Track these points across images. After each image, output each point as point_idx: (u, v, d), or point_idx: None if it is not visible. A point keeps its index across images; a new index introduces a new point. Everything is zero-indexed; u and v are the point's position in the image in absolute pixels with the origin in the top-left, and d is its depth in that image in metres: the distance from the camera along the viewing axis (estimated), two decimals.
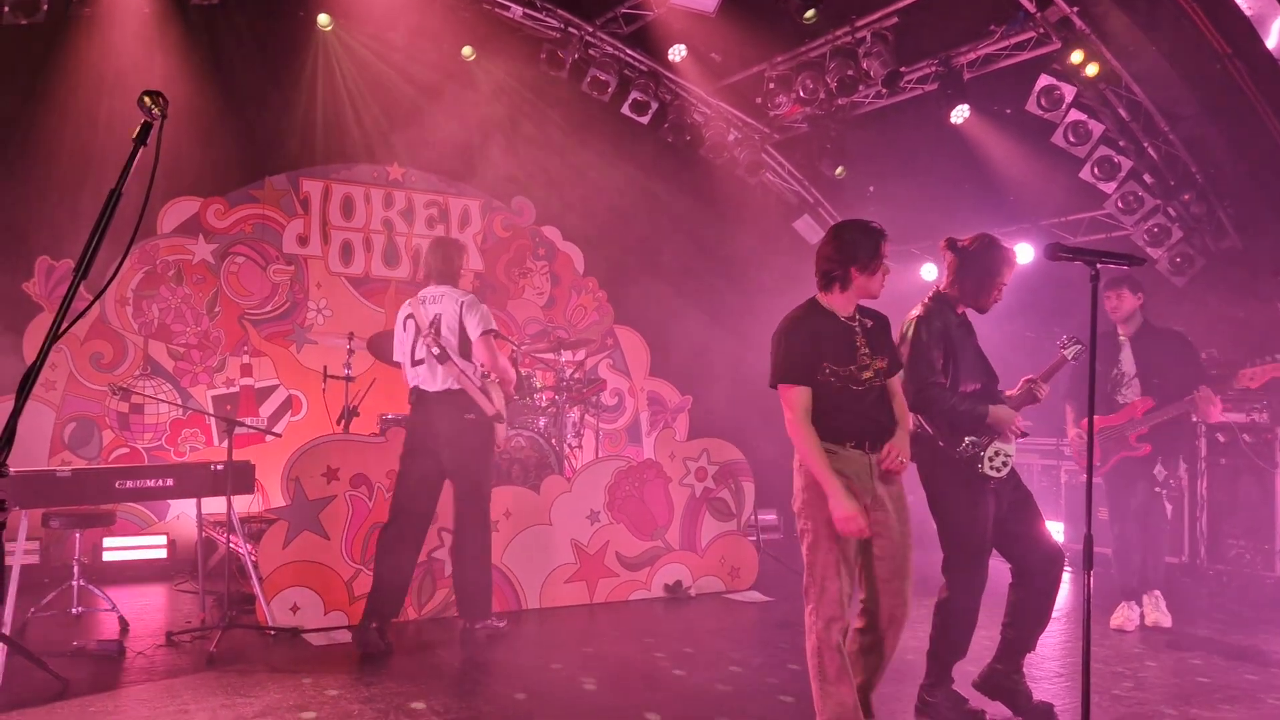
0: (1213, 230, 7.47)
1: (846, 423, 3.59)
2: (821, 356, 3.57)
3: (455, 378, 5.20)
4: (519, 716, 4.10)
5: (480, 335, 5.23)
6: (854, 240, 3.66)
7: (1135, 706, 4.38)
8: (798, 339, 3.59)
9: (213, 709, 4.11)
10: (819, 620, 3.53)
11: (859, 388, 3.60)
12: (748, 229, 9.70)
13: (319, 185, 8.26)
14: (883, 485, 3.63)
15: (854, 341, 3.65)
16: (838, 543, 3.51)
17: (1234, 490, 7.32)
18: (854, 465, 3.58)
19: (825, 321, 3.65)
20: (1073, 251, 2.95)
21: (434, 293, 5.39)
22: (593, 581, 6.37)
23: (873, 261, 3.63)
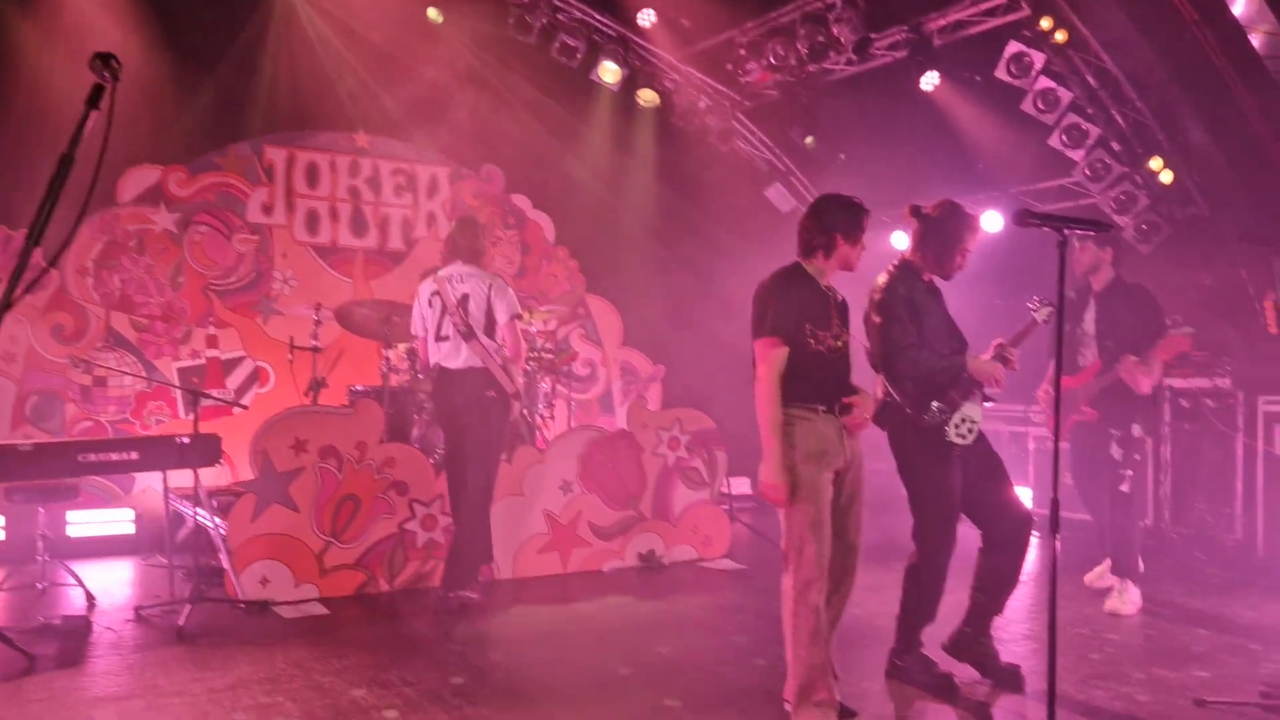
0: (1179, 197, 7.53)
1: (822, 387, 3.69)
2: (805, 318, 3.67)
3: (480, 356, 5.37)
4: (493, 687, 4.11)
5: (509, 319, 5.46)
6: (839, 212, 3.80)
7: (1100, 668, 4.46)
8: (787, 298, 3.69)
9: (182, 683, 4.08)
10: (797, 582, 3.60)
11: (832, 354, 3.72)
12: (719, 197, 9.66)
13: (283, 153, 8.12)
14: (849, 447, 3.75)
15: (830, 308, 3.78)
16: (815, 505, 3.59)
17: (1197, 455, 7.44)
18: (830, 429, 3.68)
19: (809, 285, 3.77)
20: (1041, 218, 2.96)
21: (461, 271, 5.52)
22: (566, 551, 6.37)
23: (855, 231, 3.78)
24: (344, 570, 5.63)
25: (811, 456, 3.62)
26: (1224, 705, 3.92)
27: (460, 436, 5.46)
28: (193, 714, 3.72)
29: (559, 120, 8.94)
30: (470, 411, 5.39)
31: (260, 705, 3.82)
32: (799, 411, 3.65)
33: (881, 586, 5.86)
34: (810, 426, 3.64)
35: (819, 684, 3.58)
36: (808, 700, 3.58)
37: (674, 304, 9.48)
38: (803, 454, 3.62)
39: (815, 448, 3.62)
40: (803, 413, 3.65)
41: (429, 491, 5.88)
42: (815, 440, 3.63)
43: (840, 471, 3.71)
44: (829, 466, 3.66)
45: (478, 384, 5.39)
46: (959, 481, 4.13)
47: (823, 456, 3.63)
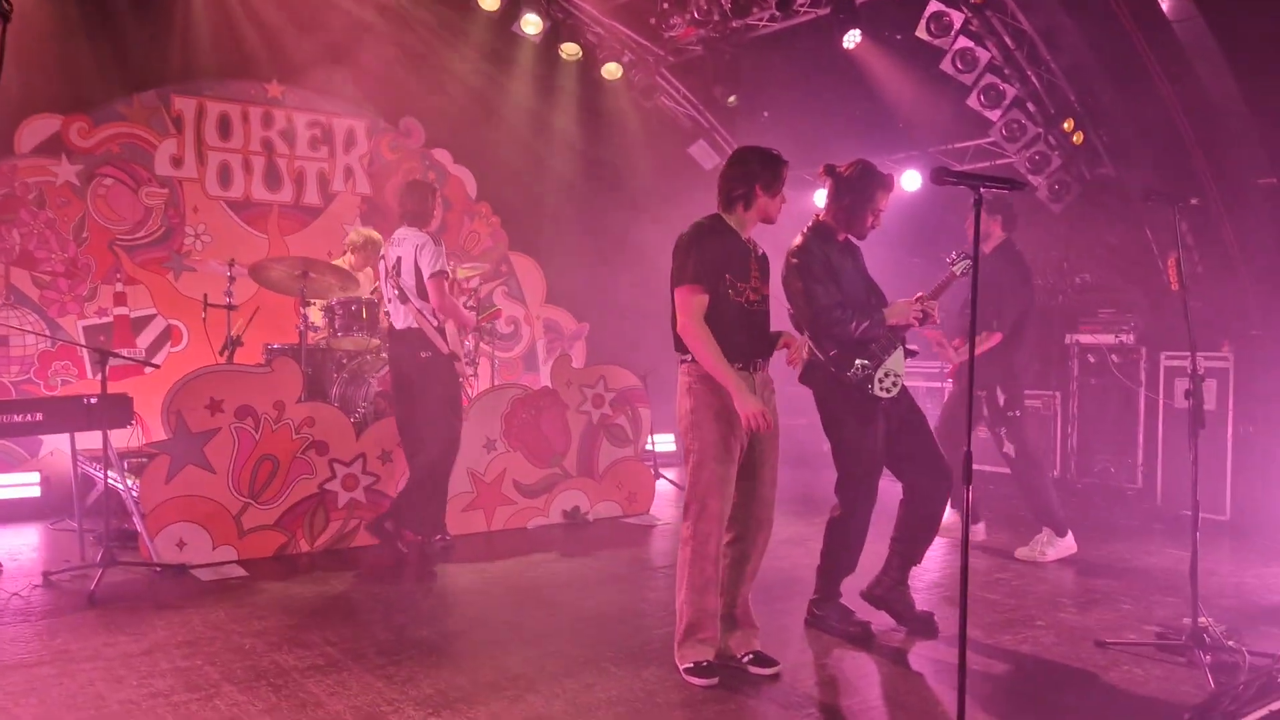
0: (1088, 158, 7.73)
1: (739, 340, 3.70)
2: (724, 267, 3.69)
3: (414, 317, 5.49)
4: (417, 645, 4.11)
5: (430, 276, 5.46)
6: (758, 163, 3.79)
7: (1009, 613, 4.63)
8: (705, 246, 3.70)
9: (95, 648, 3.99)
10: (697, 534, 3.67)
11: (750, 307, 3.75)
12: (643, 153, 9.62)
13: (192, 103, 7.83)
14: (764, 403, 3.73)
15: (749, 262, 3.79)
16: (721, 463, 3.65)
17: (1102, 408, 7.73)
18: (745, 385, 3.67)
19: (729, 236, 3.78)
20: (957, 176, 3.00)
21: (400, 234, 5.65)
22: (490, 510, 6.37)
23: (775, 183, 3.79)
24: (263, 531, 5.54)
25: (720, 415, 3.65)
26: (1123, 646, 4.12)
27: (404, 396, 5.65)
28: (107, 679, 3.65)
29: (480, 73, 8.79)
30: (410, 372, 5.59)
31: (178, 669, 3.76)
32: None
33: (803, 539, 6.00)
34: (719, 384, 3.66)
35: (705, 624, 3.69)
36: (692, 637, 3.70)
37: (598, 261, 9.45)
38: (715, 411, 3.66)
39: (725, 405, 3.64)
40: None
41: (349, 451, 5.81)
42: (724, 397, 3.64)
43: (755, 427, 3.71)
44: (736, 423, 3.67)
45: (414, 345, 5.53)
46: (882, 436, 4.23)
47: (731, 413, 3.65)
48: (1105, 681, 3.75)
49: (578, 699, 3.50)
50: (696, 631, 3.70)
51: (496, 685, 3.62)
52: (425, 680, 3.67)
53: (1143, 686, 3.70)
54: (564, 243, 9.43)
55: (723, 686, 3.62)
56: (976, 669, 3.84)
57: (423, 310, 5.51)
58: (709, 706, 3.45)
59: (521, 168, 9.22)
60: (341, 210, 8.40)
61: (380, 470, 5.93)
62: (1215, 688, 3.61)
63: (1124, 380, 7.52)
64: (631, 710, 3.40)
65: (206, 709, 3.38)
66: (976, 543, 6.08)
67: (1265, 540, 6.12)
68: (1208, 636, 3.90)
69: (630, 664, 3.87)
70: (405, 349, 5.58)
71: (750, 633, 3.89)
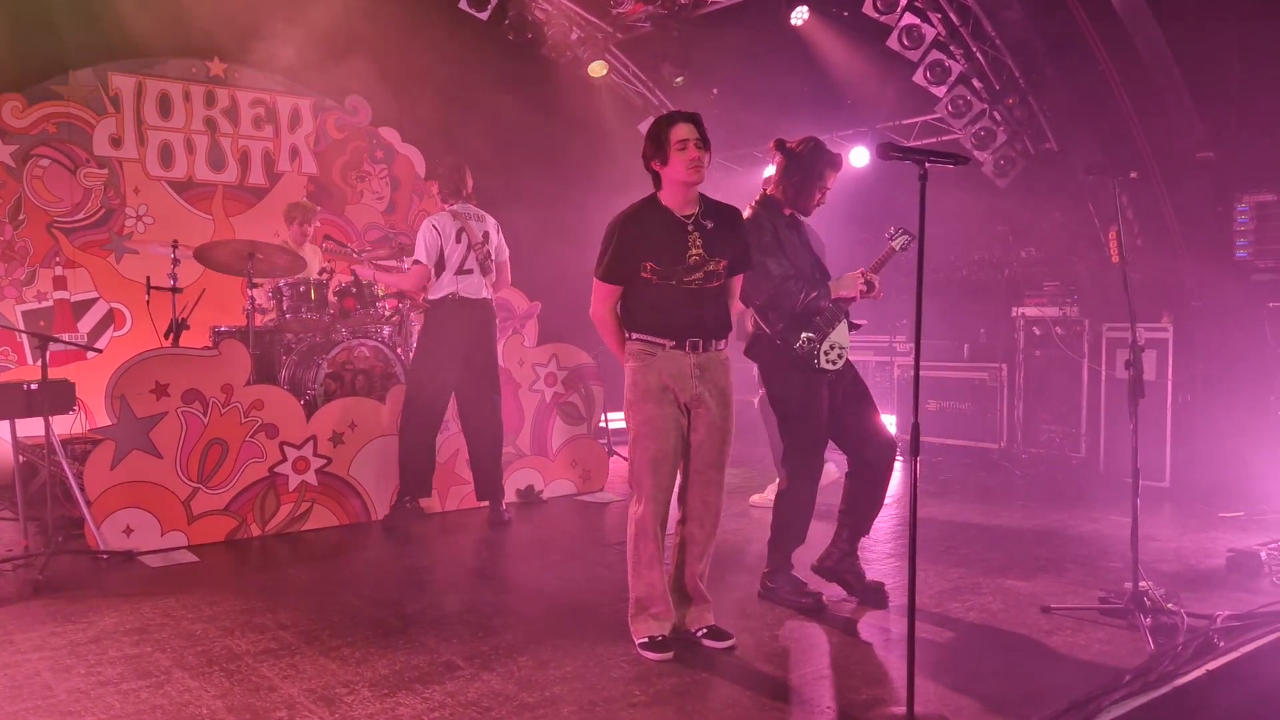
0: (1033, 133, 7.84)
1: (666, 322, 3.68)
2: (646, 255, 3.65)
3: (488, 289, 6.00)
4: (371, 625, 4.09)
5: (506, 257, 6.18)
6: (646, 139, 3.73)
7: (957, 581, 4.73)
8: (622, 236, 3.68)
9: (41, 637, 3.92)
10: (638, 510, 3.71)
11: (684, 287, 3.67)
12: (592, 131, 9.59)
13: (130, 81, 7.65)
14: (704, 383, 3.71)
15: (685, 241, 3.68)
16: (657, 439, 3.66)
17: (1046, 379, 7.88)
18: (673, 366, 3.68)
19: (658, 219, 3.70)
20: (903, 151, 3.04)
21: (474, 211, 6.10)
22: (443, 490, 6.35)
23: (661, 151, 3.66)
24: (213, 516, 5.48)
25: (650, 394, 3.66)
26: (1067, 611, 4.22)
27: (481, 361, 5.97)
28: (54, 669, 3.59)
29: (428, 50, 8.67)
30: (488, 339, 6.01)
31: (127, 656, 3.71)
32: (642, 346, 3.71)
33: (752, 512, 6.06)
34: (649, 362, 3.67)
35: (654, 600, 3.74)
36: (644, 612, 3.75)
37: (549, 240, 9.39)
38: (641, 391, 3.68)
39: (654, 383, 3.66)
40: (648, 348, 3.70)
41: (300, 434, 5.75)
42: (654, 376, 3.65)
43: (689, 405, 3.72)
44: (670, 402, 3.68)
45: (492, 314, 6.06)
46: (826, 408, 4.28)
47: (664, 392, 3.66)
48: (1050, 646, 3.85)
49: (533, 676, 3.51)
50: (647, 606, 3.76)
51: (451, 664, 3.62)
52: (380, 661, 3.66)
53: (1085, 650, 3.80)
54: (515, 222, 9.34)
55: (677, 660, 3.65)
56: (925, 637, 3.92)
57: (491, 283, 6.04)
58: (664, 680, 3.48)
59: (471, 146, 9.11)
60: (287, 190, 8.27)
61: (332, 452, 5.88)
62: (1155, 649, 3.72)
63: (1068, 352, 7.67)
64: (587, 686, 3.43)
65: (158, 696, 3.34)
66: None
67: (1203, 506, 6.30)
68: (1148, 600, 4.02)
69: (586, 640, 3.89)
70: (487, 317, 5.99)
71: (703, 608, 3.90)
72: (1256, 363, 6.49)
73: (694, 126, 3.65)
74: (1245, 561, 4.79)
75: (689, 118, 3.68)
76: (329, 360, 6.32)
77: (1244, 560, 4.79)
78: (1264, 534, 5.41)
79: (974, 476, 7.59)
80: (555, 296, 9.51)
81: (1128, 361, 4.14)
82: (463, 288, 5.87)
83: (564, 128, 9.54)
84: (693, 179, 3.65)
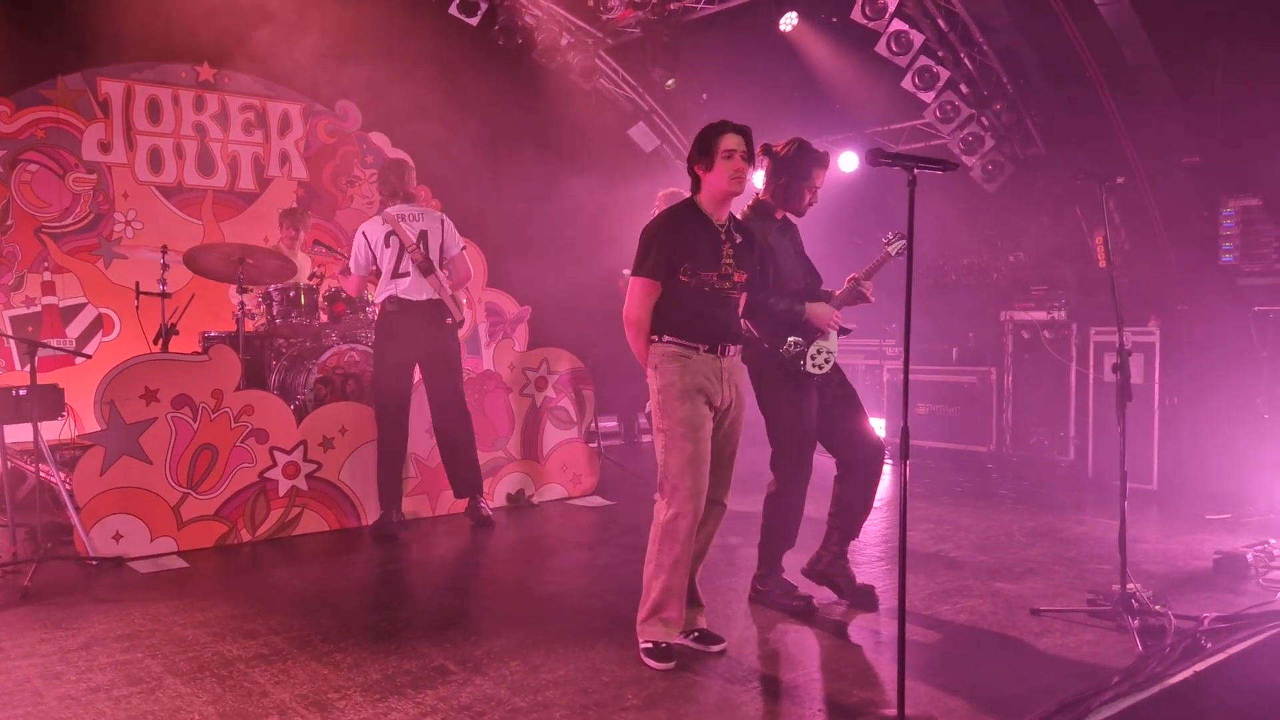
0: (1020, 139, 7.89)
1: (700, 325, 3.69)
2: (684, 257, 3.65)
3: (435, 288, 5.80)
4: (363, 630, 4.09)
5: (459, 251, 5.99)
6: (693, 146, 3.75)
7: (947, 583, 4.75)
8: (666, 234, 3.67)
9: (30, 644, 3.91)
10: (667, 513, 3.66)
11: (715, 292, 3.70)
12: (582, 136, 9.59)
13: (120, 86, 7.64)
14: (730, 386, 3.75)
15: (720, 247, 3.73)
16: (691, 441, 3.63)
17: (1035, 383, 7.92)
18: (706, 369, 3.69)
19: (697, 223, 3.73)
20: (892, 157, 3.06)
21: (411, 211, 5.92)
22: (434, 494, 6.34)
23: (706, 155, 3.69)
24: (203, 522, 5.47)
25: (688, 393, 3.64)
26: (1057, 612, 4.25)
27: (429, 363, 5.91)
28: (44, 676, 3.58)
29: (418, 56, 8.67)
30: (437, 339, 5.87)
31: (118, 663, 3.70)
32: (677, 348, 3.68)
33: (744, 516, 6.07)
34: (686, 364, 3.66)
35: (670, 604, 3.68)
36: (656, 615, 3.69)
37: (539, 244, 9.42)
38: (680, 390, 3.64)
39: (692, 384, 3.65)
40: (682, 350, 3.68)
41: (290, 439, 5.75)
42: (691, 377, 3.65)
43: (719, 410, 3.74)
44: (705, 404, 3.68)
45: (439, 313, 5.85)
46: (815, 412, 4.30)
47: (699, 394, 3.66)
48: (1039, 648, 3.87)
49: (525, 680, 3.52)
50: (661, 610, 3.69)
51: (443, 669, 3.62)
52: (372, 666, 3.66)
53: (1074, 651, 3.82)
54: (505, 226, 9.38)
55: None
56: (916, 639, 3.93)
57: (442, 281, 5.83)
58: (655, 683, 3.49)
59: (461, 151, 9.13)
60: (277, 195, 8.26)
61: (322, 457, 5.87)
62: (1143, 650, 3.74)
63: (1056, 355, 7.71)
64: (579, 690, 3.43)
65: (149, 702, 3.33)
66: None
67: (1190, 508, 6.34)
68: (1136, 602, 4.04)
69: (578, 644, 3.89)
70: (429, 319, 5.82)
71: (696, 610, 3.89)
72: (1243, 366, 6.53)
73: (743, 139, 3.69)
74: (1232, 563, 4.82)
75: (739, 130, 3.70)
76: (319, 365, 6.31)
77: (1231, 562, 4.83)
78: (1250, 536, 5.44)
79: (963, 480, 7.61)
80: (545, 301, 9.53)
81: (1115, 365, 4.17)
82: (401, 290, 5.79)
83: (553, 133, 9.54)
84: (734, 189, 3.70)
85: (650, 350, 3.76)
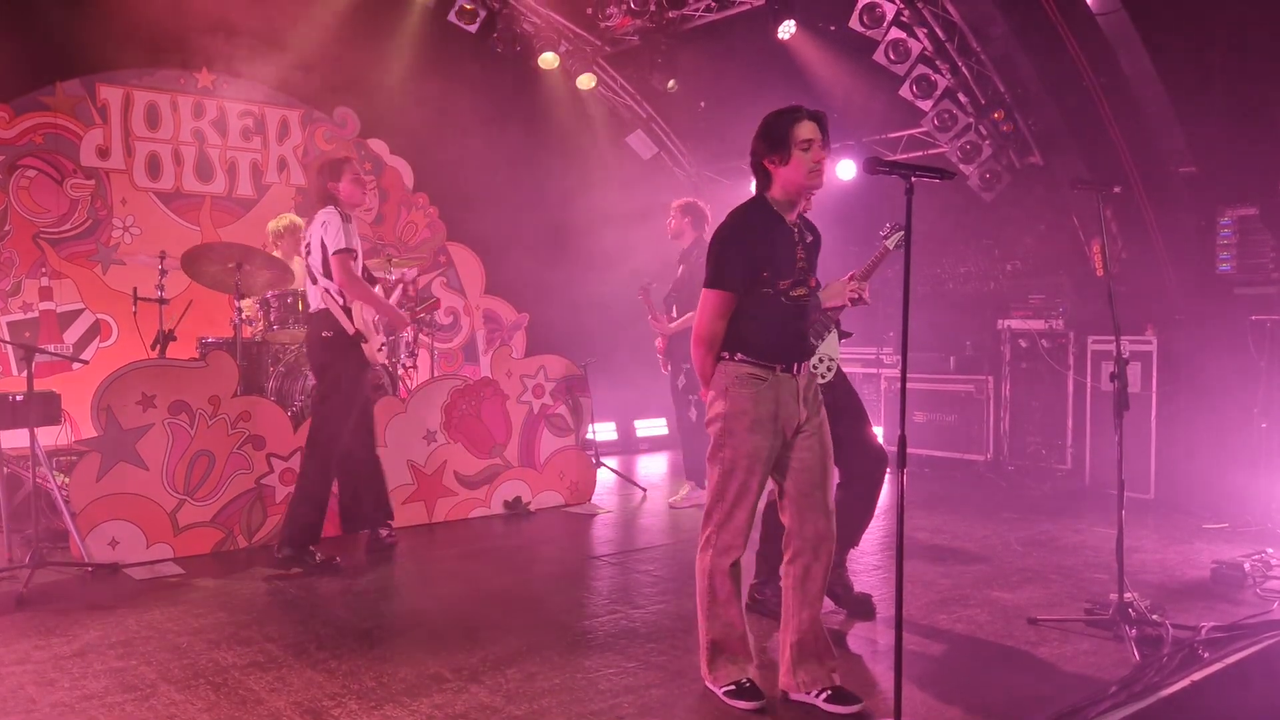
0: (1018, 148, 7.90)
1: (778, 342, 3.32)
2: (761, 263, 3.27)
3: (321, 297, 5.22)
4: (359, 638, 4.08)
5: (334, 253, 5.13)
6: (759, 133, 3.36)
7: (944, 592, 4.74)
8: (740, 239, 3.29)
9: (24, 651, 3.89)
10: (716, 545, 3.34)
11: (792, 302, 3.33)
12: (580, 144, 9.62)
13: (118, 92, 7.64)
14: (810, 407, 3.39)
15: (794, 250, 3.36)
16: (756, 472, 3.29)
17: (1032, 392, 7.93)
18: (785, 391, 3.33)
19: (770, 222, 3.34)
20: (889, 165, 3.06)
21: (316, 216, 5.32)
22: (431, 501, 6.33)
23: (779, 147, 3.29)
24: (200, 528, 5.45)
25: (760, 425, 3.28)
26: (1054, 622, 4.24)
27: (320, 380, 5.36)
28: (38, 682, 3.57)
29: (417, 63, 8.69)
30: (316, 354, 5.31)
31: (112, 670, 3.69)
32: (751, 370, 3.30)
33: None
34: (762, 391, 3.28)
35: (734, 641, 3.36)
36: (721, 655, 3.38)
37: (536, 251, 9.42)
38: (752, 421, 3.27)
39: (766, 415, 3.28)
40: (758, 372, 3.30)
41: (287, 445, 5.74)
42: (766, 406, 3.28)
43: (796, 431, 3.35)
44: (776, 434, 3.31)
45: (318, 326, 5.25)
46: None
47: (774, 423, 3.30)
48: (1036, 657, 3.86)
49: (521, 688, 3.51)
50: (723, 649, 3.37)
51: (439, 677, 3.61)
52: (367, 674, 3.65)
53: (1072, 661, 3.81)
54: (503, 233, 9.38)
55: (664, 670, 3.65)
56: (913, 649, 3.93)
57: (329, 290, 5.20)
58: (651, 691, 3.48)
59: (459, 158, 9.14)
60: (275, 202, 8.26)
61: None
62: (1140, 660, 3.74)
63: (1053, 364, 7.71)
64: (574, 698, 3.42)
65: (143, 709, 3.32)
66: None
67: (1188, 517, 6.34)
68: (1133, 611, 4.05)
69: (574, 653, 3.88)
70: (313, 331, 5.30)
71: (828, 665, 3.38)
72: (1240, 375, 6.53)
73: (819, 127, 3.29)
74: (1229, 573, 4.82)
75: (814, 116, 3.30)
76: None
77: (1228, 572, 4.83)
78: (1248, 545, 5.45)
79: (960, 488, 7.61)
80: (543, 308, 9.54)
81: (1112, 374, 4.18)
82: (310, 301, 5.37)
83: (552, 141, 9.56)
84: (813, 184, 3.31)
85: (718, 370, 3.35)
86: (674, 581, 4.93)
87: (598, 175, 9.58)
